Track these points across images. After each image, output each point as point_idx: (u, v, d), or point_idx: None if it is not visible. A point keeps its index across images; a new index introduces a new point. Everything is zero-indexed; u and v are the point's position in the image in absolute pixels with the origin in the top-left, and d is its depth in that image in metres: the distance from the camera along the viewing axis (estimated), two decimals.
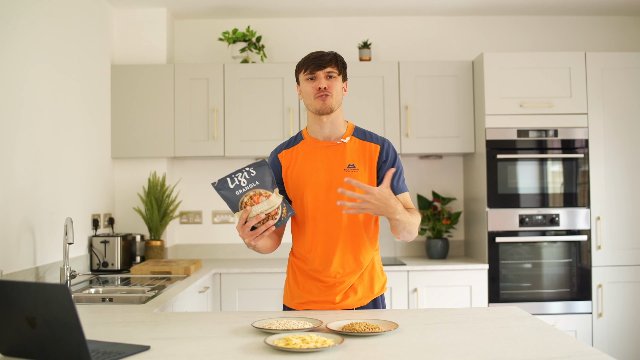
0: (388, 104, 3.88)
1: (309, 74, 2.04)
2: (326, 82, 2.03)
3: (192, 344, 1.57)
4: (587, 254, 3.68)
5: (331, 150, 2.08)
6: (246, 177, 1.83)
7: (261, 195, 1.83)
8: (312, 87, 2.04)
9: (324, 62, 2.04)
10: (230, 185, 1.83)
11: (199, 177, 4.21)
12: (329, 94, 2.03)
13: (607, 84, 3.73)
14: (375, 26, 4.28)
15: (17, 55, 2.65)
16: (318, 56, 2.05)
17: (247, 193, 1.83)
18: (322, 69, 2.03)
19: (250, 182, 1.83)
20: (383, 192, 1.84)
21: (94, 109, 3.57)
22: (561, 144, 3.72)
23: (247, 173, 1.84)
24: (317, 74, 2.03)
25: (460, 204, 4.22)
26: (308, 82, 2.05)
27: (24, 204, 2.68)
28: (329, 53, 2.07)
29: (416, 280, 3.63)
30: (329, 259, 2.04)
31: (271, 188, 1.85)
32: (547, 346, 1.52)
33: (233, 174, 1.84)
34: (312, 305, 2.09)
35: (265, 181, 1.84)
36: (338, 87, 2.07)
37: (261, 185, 1.84)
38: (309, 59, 2.06)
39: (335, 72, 2.05)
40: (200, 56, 4.26)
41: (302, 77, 2.07)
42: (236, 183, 1.83)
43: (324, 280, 2.07)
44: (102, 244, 3.45)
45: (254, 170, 1.84)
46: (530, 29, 4.29)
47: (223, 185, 1.83)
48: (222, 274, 3.61)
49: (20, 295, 1.39)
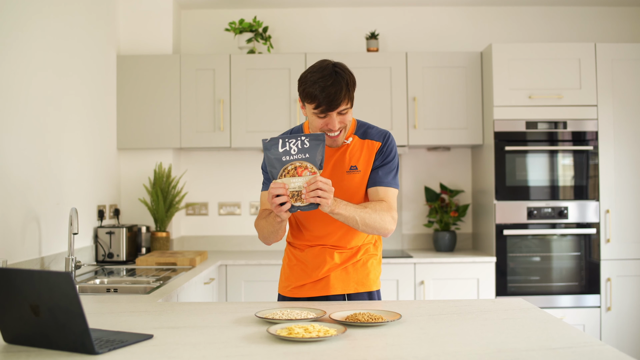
0: (395, 95, 3.86)
1: (320, 113, 1.85)
2: (338, 120, 1.88)
3: (195, 333, 1.57)
4: (596, 247, 3.65)
5: (333, 150, 2.01)
6: (298, 146, 1.72)
7: (307, 169, 1.73)
8: (322, 124, 1.88)
9: (338, 102, 1.83)
10: (279, 148, 1.73)
11: (205, 168, 4.21)
12: (341, 129, 1.91)
13: (617, 75, 3.69)
14: (382, 17, 4.25)
15: (23, 46, 2.65)
16: (331, 94, 1.81)
17: (293, 162, 1.73)
18: (335, 110, 1.85)
19: (300, 153, 1.73)
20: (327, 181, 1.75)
21: (99, 99, 3.57)
22: (571, 136, 3.68)
23: (301, 142, 1.73)
24: (330, 114, 1.86)
25: (468, 197, 4.20)
26: (317, 117, 1.88)
27: (29, 194, 2.69)
28: (339, 83, 1.83)
29: (423, 273, 3.61)
30: (324, 257, 2.03)
31: (318, 167, 1.74)
32: (549, 337, 1.51)
33: (287, 138, 1.73)
34: (305, 290, 2.06)
35: (316, 157, 1.73)
36: (349, 119, 1.93)
37: (311, 159, 1.73)
38: (322, 95, 1.81)
39: (349, 106, 1.88)
40: (206, 47, 4.25)
41: (310, 108, 1.88)
42: (286, 148, 1.72)
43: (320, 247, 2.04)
44: (107, 235, 3.46)
45: (309, 142, 1.73)
46: (540, 20, 4.25)
47: (272, 146, 1.73)
48: (228, 266, 3.61)
49: (23, 283, 1.39)
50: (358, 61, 3.85)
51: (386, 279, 3.53)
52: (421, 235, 4.19)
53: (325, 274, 2.03)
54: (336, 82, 1.83)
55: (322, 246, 2.05)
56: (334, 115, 1.87)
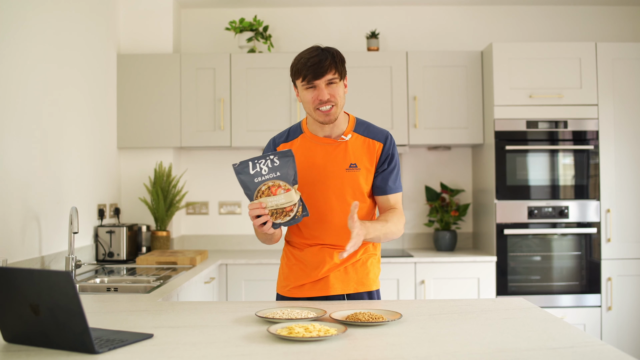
0: (396, 95, 3.85)
1: (307, 84, 1.90)
2: (328, 92, 1.90)
3: (195, 333, 1.57)
4: (596, 246, 3.65)
5: (332, 147, 2.01)
6: (268, 166, 1.74)
7: (280, 187, 1.75)
8: (313, 97, 1.91)
9: (323, 70, 1.88)
10: (250, 171, 1.75)
11: (206, 168, 4.21)
12: (332, 104, 1.92)
13: (618, 74, 3.68)
14: (383, 16, 4.25)
15: (22, 44, 2.65)
16: (316, 62, 1.87)
17: (266, 182, 1.74)
18: (321, 78, 1.89)
19: (271, 172, 1.74)
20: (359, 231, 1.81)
21: (100, 98, 3.57)
22: (571, 136, 3.68)
23: (270, 161, 1.75)
24: (317, 83, 1.89)
25: (468, 196, 4.20)
26: (307, 90, 1.92)
27: (29, 193, 2.69)
28: (325, 55, 1.90)
29: (423, 272, 3.61)
30: (323, 257, 2.03)
31: (292, 182, 1.75)
32: (550, 337, 1.50)
33: (256, 159, 1.75)
34: (304, 290, 2.05)
35: (288, 174, 1.75)
36: (340, 92, 1.94)
37: (282, 177, 1.75)
38: (306, 66, 1.88)
39: (337, 77, 1.91)
40: (206, 46, 4.24)
41: (300, 84, 1.93)
42: (257, 170, 1.74)
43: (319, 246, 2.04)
44: (107, 234, 3.46)
45: (279, 159, 1.74)
46: (540, 19, 4.24)
47: (243, 169, 1.75)
48: (229, 265, 3.61)
49: (23, 282, 1.39)
50: (358, 60, 3.85)
51: (386, 279, 3.53)
52: (422, 234, 4.18)
53: (324, 274, 2.03)
54: (321, 54, 1.91)
55: (322, 245, 2.04)
56: (321, 85, 1.90)
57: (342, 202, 2.00)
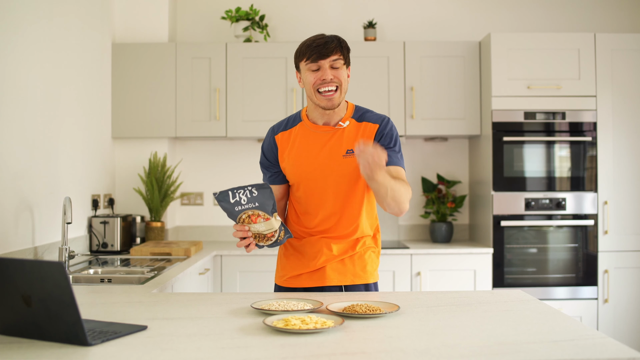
0: (393, 85, 3.82)
1: (312, 63, 1.91)
2: (331, 73, 1.91)
3: (190, 324, 1.55)
4: (593, 239, 3.64)
5: (329, 135, 1.99)
6: (247, 196, 1.81)
7: (259, 216, 1.82)
8: (316, 78, 1.92)
9: (329, 50, 1.89)
10: (230, 200, 1.81)
11: (201, 158, 4.18)
12: (336, 86, 1.92)
13: (616, 66, 3.66)
14: (380, 5, 4.21)
15: (15, 33, 2.60)
16: (321, 43, 1.89)
17: (245, 211, 1.81)
18: (326, 58, 1.90)
19: (250, 202, 1.80)
20: (369, 148, 1.72)
21: (94, 88, 3.53)
22: (569, 127, 3.66)
23: (248, 192, 1.81)
24: (321, 63, 1.90)
25: (465, 187, 4.18)
26: (311, 72, 1.92)
27: (22, 183, 2.65)
28: (331, 38, 1.92)
29: (419, 264, 3.60)
30: (320, 247, 2.01)
31: (271, 212, 1.82)
32: (550, 329, 1.49)
33: (235, 189, 1.81)
34: (301, 280, 2.04)
35: (266, 204, 1.81)
36: (344, 77, 1.94)
37: (261, 207, 1.81)
38: (312, 47, 1.90)
39: (341, 60, 1.92)
40: (202, 35, 4.20)
41: (304, 66, 1.94)
42: (236, 199, 1.81)
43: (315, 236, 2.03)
44: (101, 225, 3.43)
45: (256, 190, 1.80)
46: (539, 10, 4.21)
47: (224, 198, 1.82)
48: (223, 256, 3.58)
49: (15, 273, 1.37)
50: (355, 50, 3.78)
51: (382, 270, 3.51)
52: (418, 226, 4.17)
53: (321, 264, 2.01)
54: (327, 37, 1.93)
55: (320, 236, 2.02)
56: (325, 65, 1.90)
57: (340, 189, 1.98)
